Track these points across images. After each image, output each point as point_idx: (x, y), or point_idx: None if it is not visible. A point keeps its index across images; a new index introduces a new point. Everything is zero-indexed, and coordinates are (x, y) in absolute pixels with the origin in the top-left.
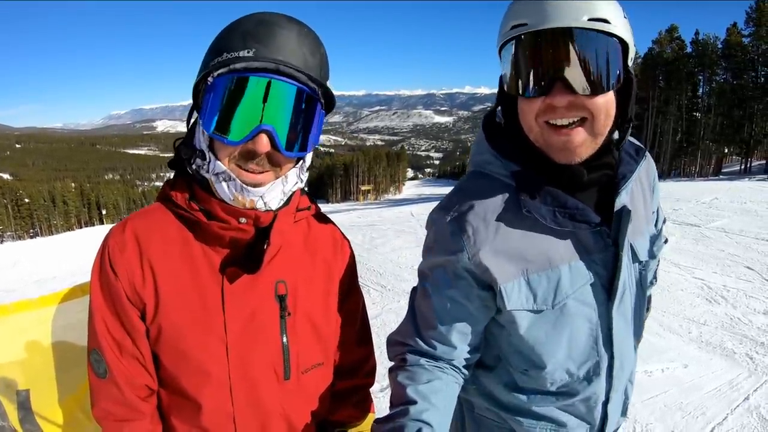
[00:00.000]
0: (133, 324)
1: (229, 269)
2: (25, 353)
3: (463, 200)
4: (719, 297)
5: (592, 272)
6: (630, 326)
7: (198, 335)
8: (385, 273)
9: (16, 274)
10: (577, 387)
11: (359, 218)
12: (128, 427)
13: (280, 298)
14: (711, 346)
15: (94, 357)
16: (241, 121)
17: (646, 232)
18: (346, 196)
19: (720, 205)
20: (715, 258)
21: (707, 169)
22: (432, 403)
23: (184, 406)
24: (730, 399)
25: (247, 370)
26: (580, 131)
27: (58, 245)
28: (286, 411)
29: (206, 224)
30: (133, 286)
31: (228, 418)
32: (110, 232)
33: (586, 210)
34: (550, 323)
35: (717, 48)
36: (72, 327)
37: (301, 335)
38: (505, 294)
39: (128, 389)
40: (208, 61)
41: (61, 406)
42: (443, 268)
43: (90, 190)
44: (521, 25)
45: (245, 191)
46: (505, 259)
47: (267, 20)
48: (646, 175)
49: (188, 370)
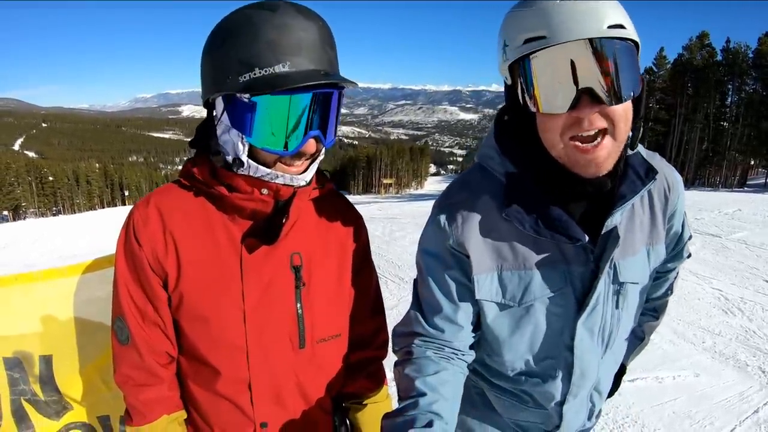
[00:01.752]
0: (156, 292)
1: (248, 240)
2: (48, 320)
3: (459, 192)
4: (736, 309)
5: (568, 282)
6: (596, 340)
7: (217, 302)
8: (403, 265)
9: (37, 250)
10: (533, 380)
11: (379, 211)
12: (146, 391)
13: (296, 269)
14: (724, 357)
15: (118, 324)
16: (292, 133)
17: (642, 253)
18: (367, 188)
19: (742, 217)
20: (734, 269)
21: (732, 180)
22: (441, 394)
23: (202, 371)
24: (739, 411)
25: (263, 337)
26: (603, 146)
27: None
28: (300, 379)
29: (228, 196)
30: (156, 256)
31: (244, 384)
32: (135, 206)
33: (569, 223)
34: (514, 319)
35: (748, 57)
36: (93, 298)
37: (316, 306)
38: (477, 284)
39: (148, 355)
40: (231, 73)
41: (81, 373)
42: (438, 254)
43: (113, 171)
44: (539, 38)
45: (295, 180)
46: (485, 252)
47: (289, 24)
48: (662, 197)
49: (207, 337)
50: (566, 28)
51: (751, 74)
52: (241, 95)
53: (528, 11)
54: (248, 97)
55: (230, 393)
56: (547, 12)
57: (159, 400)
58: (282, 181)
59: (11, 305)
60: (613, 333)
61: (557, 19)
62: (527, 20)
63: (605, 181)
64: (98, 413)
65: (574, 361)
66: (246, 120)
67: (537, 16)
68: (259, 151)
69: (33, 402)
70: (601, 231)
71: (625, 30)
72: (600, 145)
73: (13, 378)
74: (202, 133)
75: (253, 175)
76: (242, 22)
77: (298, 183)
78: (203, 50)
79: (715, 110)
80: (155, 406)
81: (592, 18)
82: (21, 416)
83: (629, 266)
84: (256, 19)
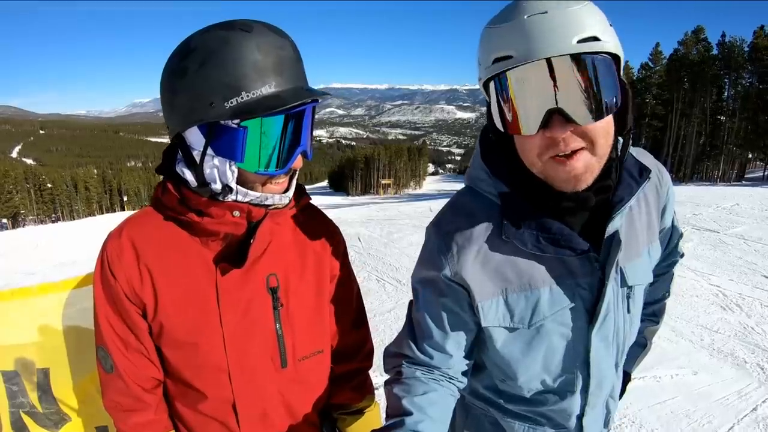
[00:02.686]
0: (135, 322)
1: (221, 264)
2: (45, 334)
3: (452, 217)
4: (734, 305)
5: (576, 295)
6: (611, 347)
7: (196, 329)
8: (401, 268)
9: (37, 257)
10: (551, 399)
11: (378, 212)
12: (134, 416)
13: (272, 291)
14: (722, 354)
15: (101, 353)
16: (283, 152)
17: (645, 254)
18: (366, 189)
19: (740, 212)
20: (733, 265)
21: (730, 174)
22: (428, 415)
23: (188, 394)
24: (737, 409)
25: (244, 360)
26: (581, 158)
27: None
28: (286, 397)
29: (198, 222)
30: (132, 288)
31: (229, 405)
32: (107, 239)
33: (572, 236)
34: (525, 341)
35: (743, 51)
36: (88, 310)
37: (296, 325)
38: (482, 311)
39: (132, 382)
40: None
41: (78, 385)
42: (432, 281)
43: (112, 177)
44: (506, 57)
45: (282, 198)
46: (486, 277)
47: (267, 44)
48: (654, 193)
49: (190, 362)
50: (533, 46)
51: (747, 68)
52: (227, 122)
53: (497, 29)
54: (237, 122)
55: (217, 414)
56: (515, 30)
57: (147, 424)
58: (270, 202)
59: (9, 319)
60: (627, 338)
61: (524, 37)
62: (496, 39)
63: (588, 195)
64: (96, 423)
65: (590, 372)
66: (236, 146)
67: (505, 34)
68: (247, 175)
69: (31, 414)
70: (603, 237)
71: (598, 42)
72: (576, 156)
73: (12, 391)
74: (169, 160)
75: (241, 200)
76: (219, 44)
77: (284, 202)
78: (171, 75)
79: (711, 104)
80: (143, 430)
81: (560, 33)
82: (20, 428)
83: (635, 268)
84: (234, 40)
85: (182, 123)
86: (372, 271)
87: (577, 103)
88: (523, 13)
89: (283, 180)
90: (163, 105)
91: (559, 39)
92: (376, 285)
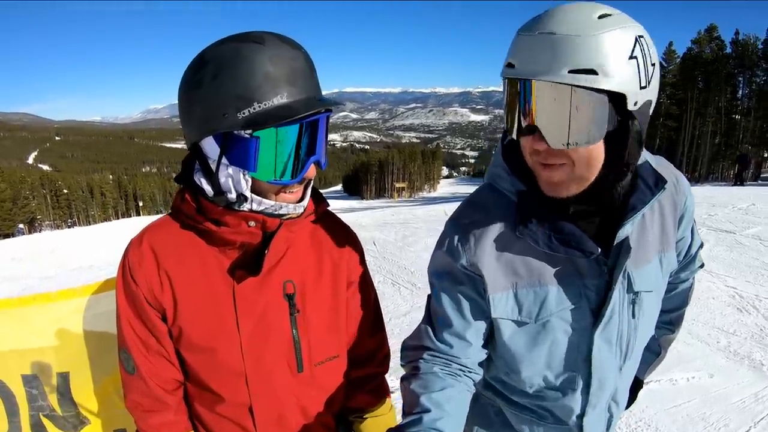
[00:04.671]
0: (156, 325)
1: (237, 272)
2: (64, 339)
3: (471, 212)
4: (750, 307)
5: (583, 296)
6: (614, 350)
7: (214, 333)
8: (416, 271)
9: (54, 262)
10: (553, 395)
11: (392, 215)
12: (155, 417)
13: (289, 297)
14: (739, 357)
15: (123, 355)
16: (294, 161)
17: (656, 261)
18: (380, 192)
19: (757, 212)
20: (749, 266)
21: (746, 173)
22: (446, 411)
23: (205, 396)
24: (754, 412)
25: (261, 364)
26: (561, 172)
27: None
28: (302, 402)
29: (216, 231)
30: (152, 293)
31: (245, 408)
32: (129, 246)
33: (582, 238)
34: (531, 335)
35: (757, 48)
36: (106, 316)
37: (312, 330)
38: (492, 303)
39: (154, 383)
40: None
41: (98, 388)
42: (449, 271)
43: (127, 182)
44: (511, 65)
45: (296, 208)
46: (499, 271)
47: (280, 55)
48: (671, 202)
49: (207, 365)
50: (527, 64)
51: (762, 65)
52: (240, 132)
53: (518, 37)
54: (250, 132)
55: (234, 416)
56: (523, 42)
57: (167, 425)
58: (285, 211)
59: (30, 323)
60: (632, 342)
61: (523, 52)
62: (513, 45)
63: (565, 204)
64: (114, 427)
65: (591, 372)
66: (249, 156)
67: (518, 42)
68: (261, 184)
69: (51, 417)
70: (613, 242)
71: (594, 77)
72: (555, 168)
73: (32, 394)
74: (188, 169)
75: (256, 209)
76: (232, 56)
77: (298, 212)
78: (187, 86)
79: (726, 103)
80: (163, 430)
81: (555, 59)
82: (39, 431)
83: (643, 275)
84: (247, 52)
85: (198, 133)
86: (387, 275)
87: (552, 127)
88: (537, 29)
89: (297, 189)
90: (180, 115)
91: (552, 64)
92: (392, 289)
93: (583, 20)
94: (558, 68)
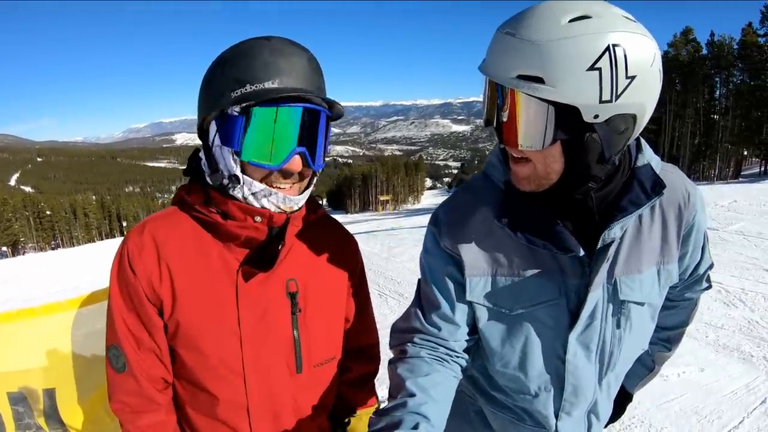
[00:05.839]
0: (151, 320)
1: (243, 268)
2: (50, 353)
3: (460, 197)
4: (737, 300)
5: (562, 294)
6: (593, 358)
7: (213, 330)
8: (402, 282)
9: (38, 285)
10: (527, 395)
11: (378, 228)
12: (144, 417)
13: (291, 296)
14: (728, 350)
15: (113, 352)
16: (278, 147)
17: (651, 272)
18: (364, 206)
19: (738, 208)
20: (733, 261)
21: (726, 171)
22: (431, 396)
23: (199, 397)
24: (746, 403)
25: (260, 364)
26: (526, 168)
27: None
28: (298, 403)
29: (223, 224)
30: (151, 284)
31: (242, 409)
32: (129, 234)
33: (563, 234)
34: (505, 327)
35: (733, 49)
36: (93, 330)
37: (313, 331)
38: (469, 285)
39: (145, 381)
40: (225, 92)
41: (85, 405)
42: (435, 252)
43: (110, 203)
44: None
45: (288, 200)
46: (480, 255)
47: (281, 49)
48: (676, 214)
49: (204, 364)
50: (488, 61)
51: (738, 65)
52: (232, 110)
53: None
54: (237, 110)
55: (228, 418)
56: (492, 39)
57: (157, 426)
58: (275, 200)
59: (14, 341)
60: (615, 354)
61: (490, 49)
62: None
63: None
64: None
65: (566, 376)
66: (235, 133)
67: (493, 40)
68: (250, 172)
69: None
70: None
71: (539, 86)
72: (521, 162)
73: (18, 413)
74: (195, 162)
75: (249, 190)
76: (238, 49)
77: (290, 205)
78: (202, 80)
79: (704, 104)
80: (154, 431)
81: (505, 61)
82: None
83: (633, 284)
84: (252, 44)
85: (202, 116)
86: (374, 286)
87: (505, 127)
88: (505, 27)
89: (286, 186)
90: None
91: (503, 66)
92: (378, 299)
93: (548, 24)
94: (507, 71)
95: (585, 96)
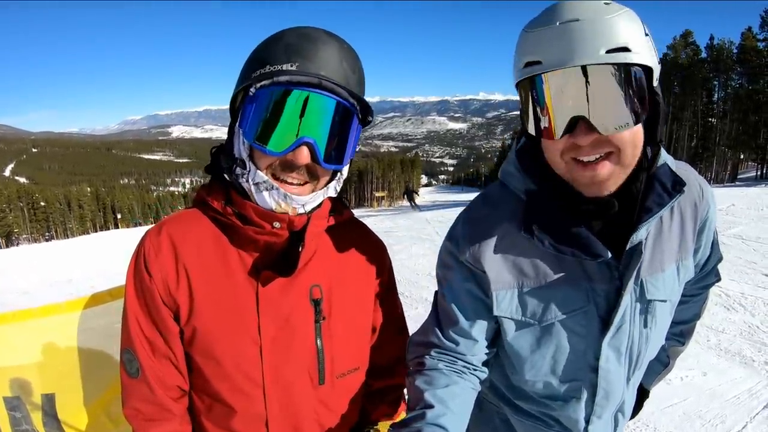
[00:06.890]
0: (167, 325)
1: (263, 273)
2: (49, 357)
3: (481, 208)
4: (737, 305)
5: (591, 301)
6: (623, 360)
7: (232, 338)
8: (402, 280)
9: (32, 276)
10: (556, 402)
11: (374, 225)
12: (157, 426)
13: (315, 303)
14: (730, 354)
15: (127, 356)
16: (282, 132)
17: (672, 269)
18: (360, 202)
19: (736, 212)
20: (733, 265)
21: (723, 175)
22: (449, 408)
23: (216, 408)
24: (749, 407)
25: (281, 374)
26: (607, 165)
27: (74, 248)
28: (320, 416)
29: (241, 228)
30: (167, 287)
31: (260, 422)
32: (146, 235)
33: (590, 239)
34: (535, 338)
35: (732, 53)
36: (96, 332)
37: (336, 340)
38: (496, 300)
39: (159, 389)
40: (249, 72)
41: (86, 410)
42: (455, 267)
43: (105, 195)
44: (535, 63)
45: (288, 199)
46: (504, 268)
47: (310, 35)
48: (692, 209)
49: (221, 373)
50: (559, 54)
51: (736, 69)
52: (251, 90)
53: (531, 34)
54: (253, 90)
55: (246, 430)
56: (546, 36)
57: None
58: (275, 196)
59: (10, 342)
60: (642, 353)
61: (552, 44)
62: (528, 43)
63: (611, 201)
64: None
65: (598, 382)
66: (247, 114)
67: (536, 40)
68: (257, 157)
69: None
70: (626, 247)
71: (628, 54)
72: (601, 163)
73: (15, 418)
74: (217, 157)
75: (252, 179)
76: (277, 32)
77: (293, 204)
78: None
79: (702, 107)
80: None
81: (588, 42)
82: None
83: (657, 283)
84: (290, 29)
85: (233, 99)
86: None
87: (601, 112)
88: (556, 20)
89: (294, 182)
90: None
91: (587, 48)
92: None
93: (595, 6)
94: (594, 50)
95: (653, 58)
